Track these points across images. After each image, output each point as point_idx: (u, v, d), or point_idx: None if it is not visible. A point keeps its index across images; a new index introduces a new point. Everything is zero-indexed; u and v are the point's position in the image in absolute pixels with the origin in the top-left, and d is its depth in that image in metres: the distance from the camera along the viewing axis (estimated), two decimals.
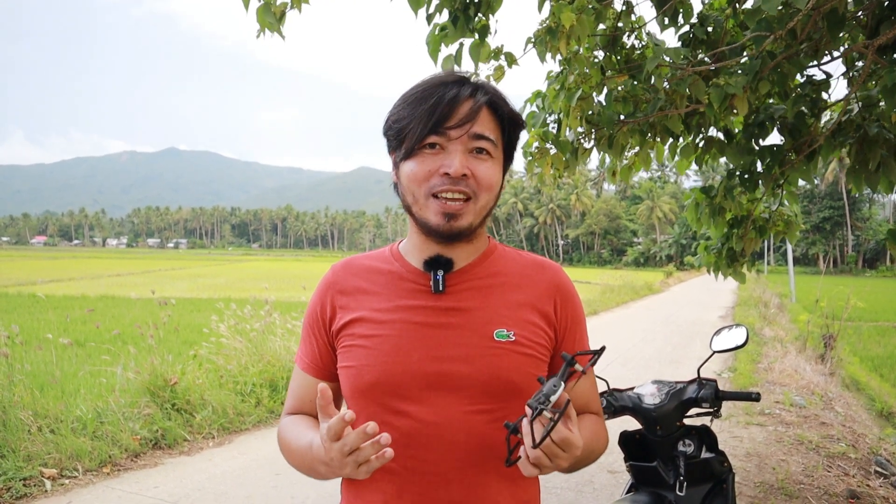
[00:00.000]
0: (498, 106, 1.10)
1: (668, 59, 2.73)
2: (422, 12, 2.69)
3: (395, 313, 1.12)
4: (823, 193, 72.11)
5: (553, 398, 0.90)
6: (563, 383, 0.92)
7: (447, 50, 2.84)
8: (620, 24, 3.14)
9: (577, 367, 0.96)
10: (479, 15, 2.76)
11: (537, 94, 3.44)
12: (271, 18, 2.55)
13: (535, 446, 0.90)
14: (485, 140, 1.07)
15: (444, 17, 2.80)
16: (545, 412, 0.90)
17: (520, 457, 0.94)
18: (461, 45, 2.82)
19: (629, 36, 3.25)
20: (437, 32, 2.78)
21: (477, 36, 2.81)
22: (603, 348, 1.01)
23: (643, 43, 3.27)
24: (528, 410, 0.91)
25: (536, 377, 1.15)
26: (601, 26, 3.16)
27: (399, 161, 1.11)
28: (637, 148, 3.62)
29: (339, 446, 0.91)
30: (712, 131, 3.56)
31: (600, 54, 3.30)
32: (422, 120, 1.05)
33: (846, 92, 3.08)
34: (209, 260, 79.06)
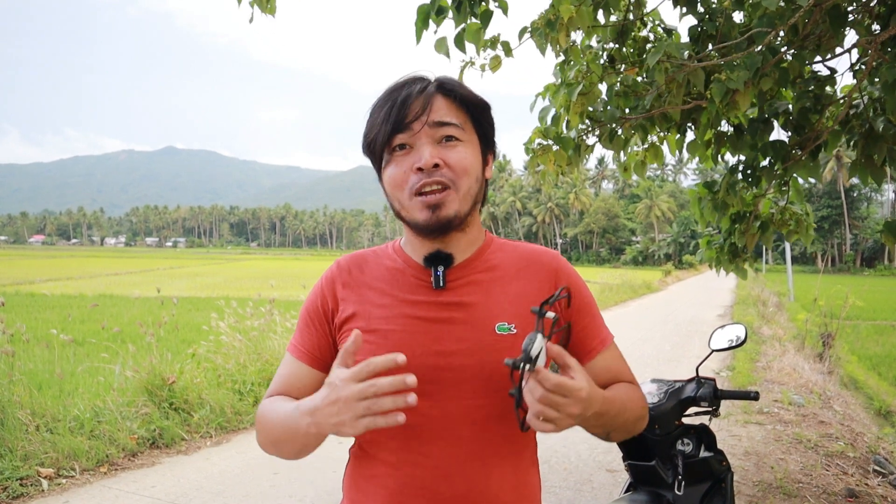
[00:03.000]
0: (450, 90, 1.10)
1: (670, 55, 2.72)
2: None
3: (398, 308, 1.13)
4: (822, 192, 72.18)
5: (531, 350, 0.89)
6: (539, 335, 0.91)
7: (441, 32, 2.81)
8: (631, 16, 3.13)
9: (549, 314, 0.96)
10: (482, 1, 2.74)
11: (548, 89, 3.42)
12: None
13: (513, 394, 0.90)
14: (448, 126, 1.08)
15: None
16: (525, 367, 0.90)
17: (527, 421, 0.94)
18: (463, 29, 2.79)
19: (640, 28, 3.23)
20: (434, 14, 2.74)
21: (478, 21, 2.78)
22: (564, 288, 1.05)
23: (655, 35, 3.26)
24: (513, 374, 0.91)
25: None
26: (613, 17, 3.15)
27: (380, 173, 1.13)
28: (646, 143, 3.62)
29: (362, 386, 0.88)
30: (723, 125, 3.55)
31: (609, 46, 3.28)
32: (382, 124, 1.08)
33: (852, 87, 3.07)
34: (208, 259, 79.04)
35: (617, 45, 3.26)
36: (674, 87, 2.88)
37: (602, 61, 3.33)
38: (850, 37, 2.89)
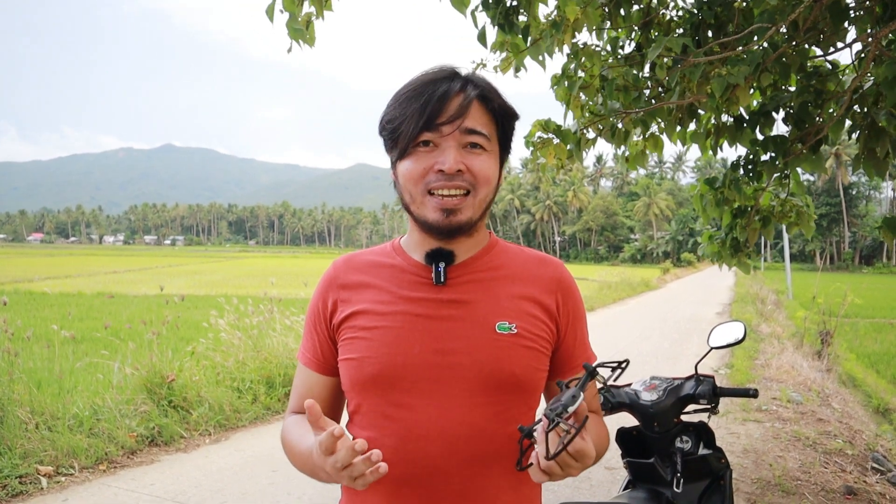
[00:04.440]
0: (489, 99, 1.09)
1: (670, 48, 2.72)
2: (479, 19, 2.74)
3: (397, 305, 1.12)
4: (821, 190, 72.23)
5: (571, 409, 0.89)
6: (582, 394, 0.91)
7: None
8: (655, 1, 3.13)
9: (599, 379, 0.94)
10: (521, 17, 2.76)
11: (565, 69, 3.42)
12: (297, 25, 2.59)
13: (549, 458, 0.89)
14: (477, 135, 1.07)
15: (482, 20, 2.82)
16: (562, 424, 0.89)
17: (531, 463, 0.93)
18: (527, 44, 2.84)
19: (667, 9, 3.22)
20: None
21: (520, 35, 2.82)
22: (627, 361, 0.98)
23: (680, 13, 3.25)
24: (544, 420, 0.90)
25: (545, 376, 1.14)
26: (635, 7, 3.15)
27: (395, 161, 1.11)
28: (647, 134, 3.63)
29: (331, 461, 0.91)
30: (723, 116, 3.55)
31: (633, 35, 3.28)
32: (413, 118, 1.05)
33: (854, 76, 3.06)
34: (206, 257, 78.94)
35: (642, 32, 3.25)
36: (679, 78, 2.86)
37: (629, 50, 3.32)
38: (852, 33, 2.89)
